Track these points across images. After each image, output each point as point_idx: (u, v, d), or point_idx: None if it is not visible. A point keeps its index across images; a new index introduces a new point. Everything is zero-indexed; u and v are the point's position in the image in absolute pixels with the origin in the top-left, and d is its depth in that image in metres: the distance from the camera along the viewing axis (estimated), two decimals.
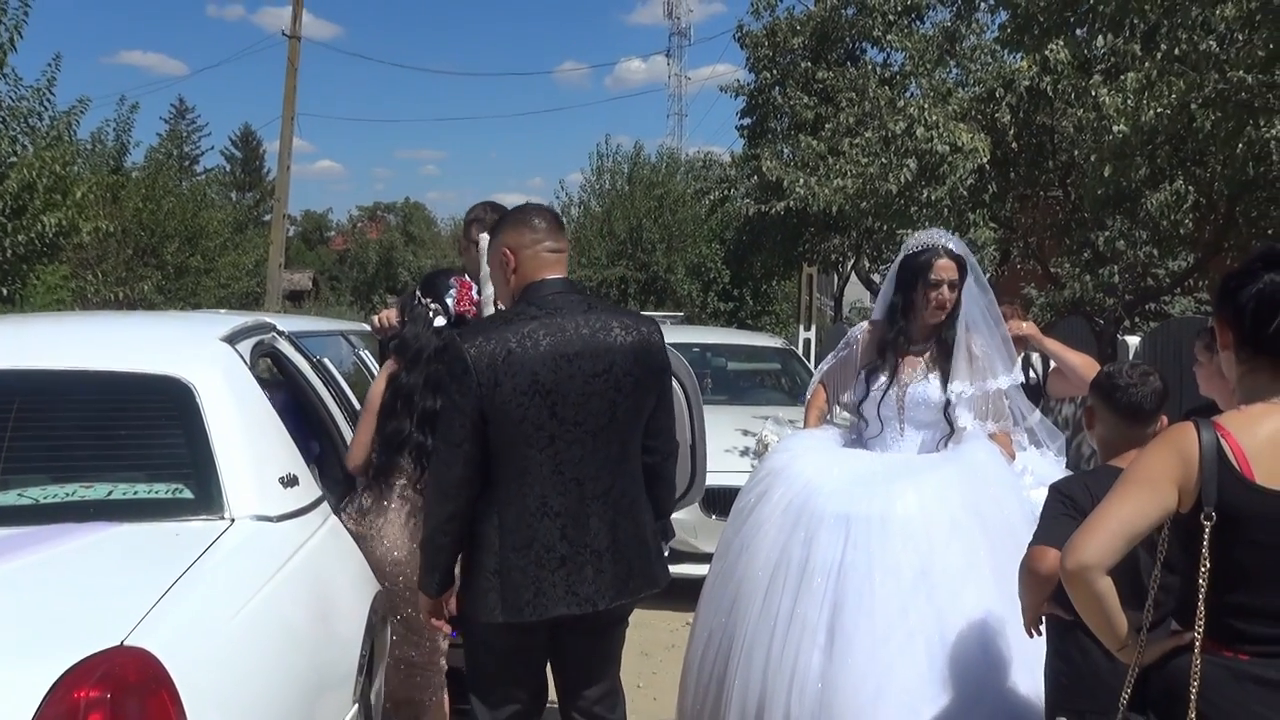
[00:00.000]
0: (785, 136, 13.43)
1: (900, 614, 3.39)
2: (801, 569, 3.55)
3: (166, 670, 2.10)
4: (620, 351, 3.04)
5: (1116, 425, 2.93)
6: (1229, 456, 2.14)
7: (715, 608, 3.85)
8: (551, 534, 2.99)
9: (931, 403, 3.88)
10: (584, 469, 3.01)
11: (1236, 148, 7.27)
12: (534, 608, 2.98)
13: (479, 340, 2.97)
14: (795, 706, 3.41)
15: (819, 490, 3.68)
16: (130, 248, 18.36)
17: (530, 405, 2.95)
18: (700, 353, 9.53)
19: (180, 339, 3.65)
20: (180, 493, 2.96)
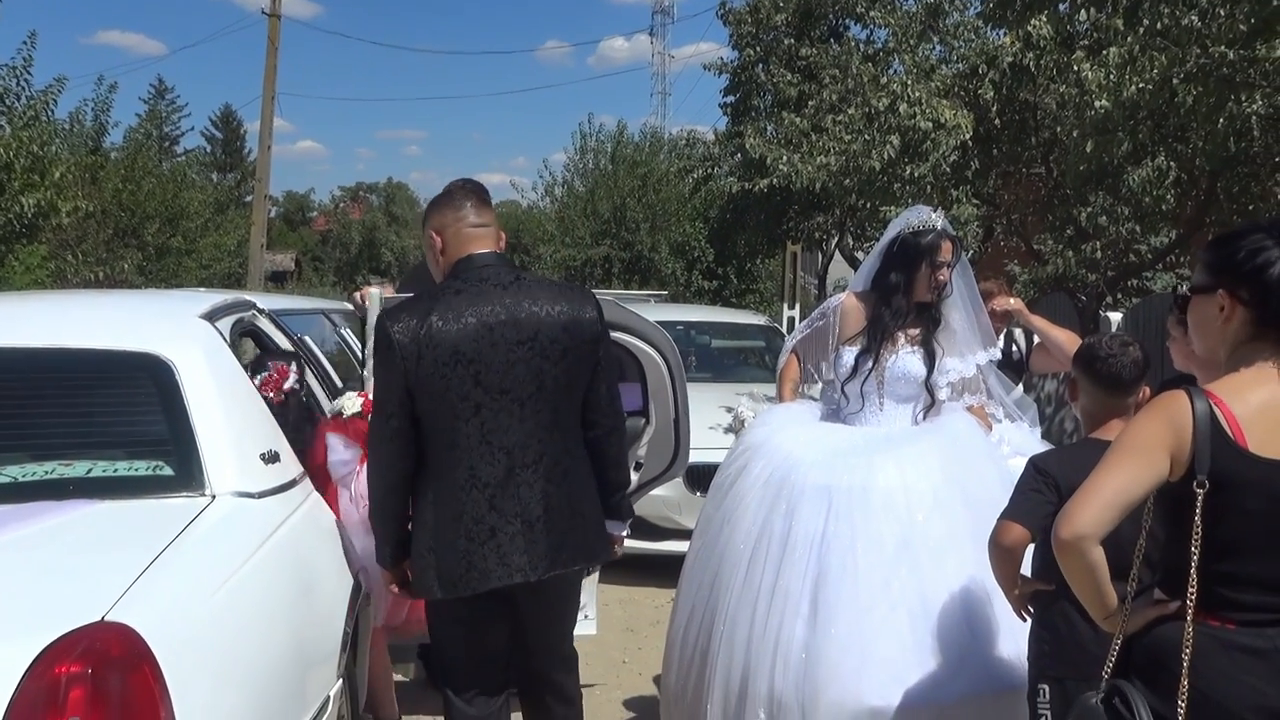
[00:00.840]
0: (768, 114, 13.42)
1: (883, 584, 3.41)
2: (784, 541, 3.55)
3: (148, 645, 2.09)
4: (546, 321, 3.07)
5: (1097, 396, 2.95)
6: (1222, 424, 2.13)
7: (697, 583, 3.86)
8: (480, 505, 3.02)
9: (912, 377, 3.89)
10: (511, 437, 3.04)
11: (1218, 123, 7.28)
12: (467, 582, 3.01)
13: (402, 317, 3.03)
14: (779, 678, 3.42)
15: (799, 463, 3.68)
16: (110, 228, 18.23)
17: (453, 376, 2.99)
18: (684, 330, 9.52)
19: (159, 316, 3.63)
20: (161, 470, 2.94)
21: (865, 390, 3.92)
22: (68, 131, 17.42)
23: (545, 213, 31.64)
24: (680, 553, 7.03)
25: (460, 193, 3.26)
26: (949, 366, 3.91)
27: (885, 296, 3.96)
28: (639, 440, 4.49)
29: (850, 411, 3.97)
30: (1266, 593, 2.18)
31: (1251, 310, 2.22)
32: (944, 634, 3.35)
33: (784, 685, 3.40)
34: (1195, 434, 2.13)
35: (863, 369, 3.91)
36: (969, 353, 3.94)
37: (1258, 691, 2.15)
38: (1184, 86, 7.37)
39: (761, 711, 3.44)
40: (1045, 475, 2.86)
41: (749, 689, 3.47)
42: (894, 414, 3.92)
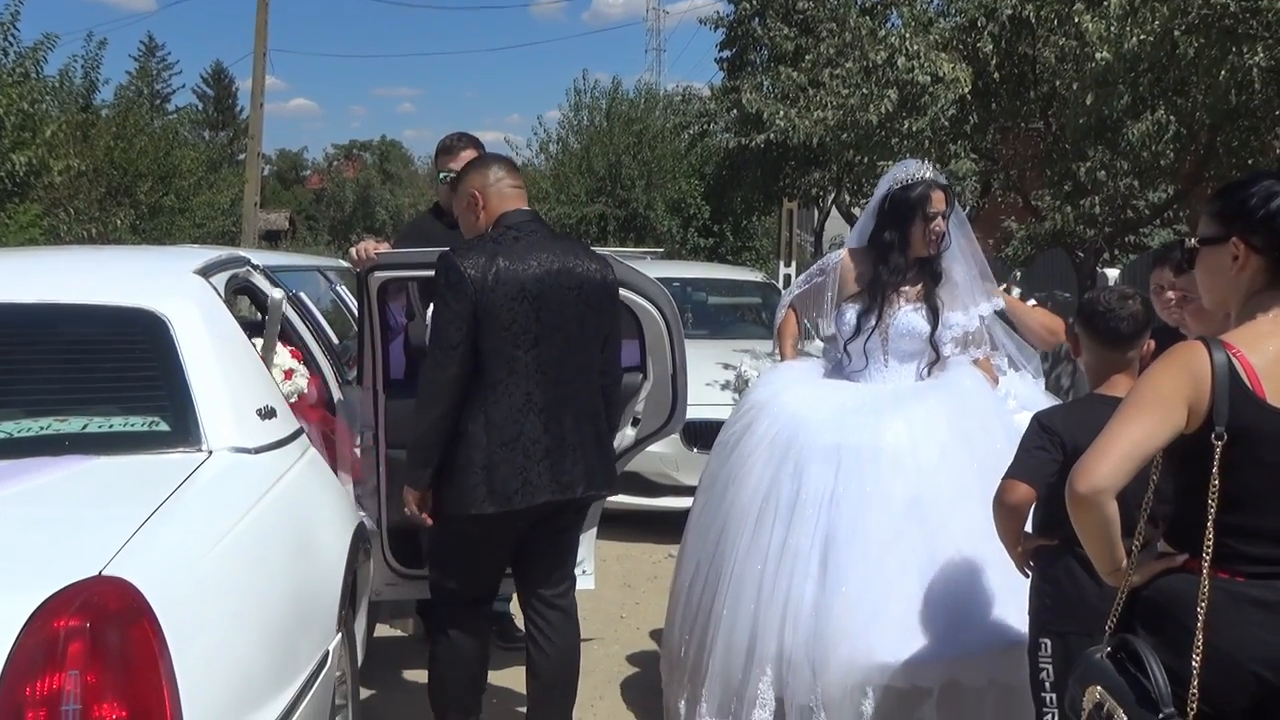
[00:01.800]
0: (765, 68, 13.30)
1: (893, 542, 3.41)
2: (792, 501, 3.55)
3: (146, 599, 2.08)
4: (588, 274, 3.49)
5: (1099, 351, 2.94)
6: (1241, 375, 2.11)
7: (701, 541, 3.85)
8: (536, 427, 3.35)
9: (916, 333, 3.87)
10: (562, 369, 3.41)
11: (1219, 75, 7.22)
12: (522, 495, 3.34)
13: (471, 256, 3.37)
14: (789, 637, 3.43)
15: (806, 422, 3.67)
16: (103, 187, 18.11)
17: (519, 309, 3.35)
18: (681, 287, 9.49)
19: (153, 272, 3.60)
20: (157, 425, 2.92)
21: (869, 348, 3.90)
22: (58, 89, 17.27)
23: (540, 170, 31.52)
24: (678, 509, 7.11)
25: (495, 161, 3.68)
26: (953, 321, 3.89)
27: (882, 255, 3.91)
28: (636, 396, 4.47)
29: (854, 369, 3.95)
30: (1276, 545, 2.16)
31: (1266, 257, 2.19)
32: (953, 590, 3.36)
33: (794, 644, 3.41)
34: (1214, 385, 2.10)
35: (865, 328, 3.88)
36: (971, 305, 3.91)
37: (1266, 643, 2.14)
38: (1185, 38, 7.30)
39: (769, 668, 3.45)
40: (1050, 433, 2.85)
41: (756, 648, 3.48)
42: (899, 371, 3.90)
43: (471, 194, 3.55)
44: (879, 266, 3.91)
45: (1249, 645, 2.14)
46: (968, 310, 3.91)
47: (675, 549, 6.73)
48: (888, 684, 3.33)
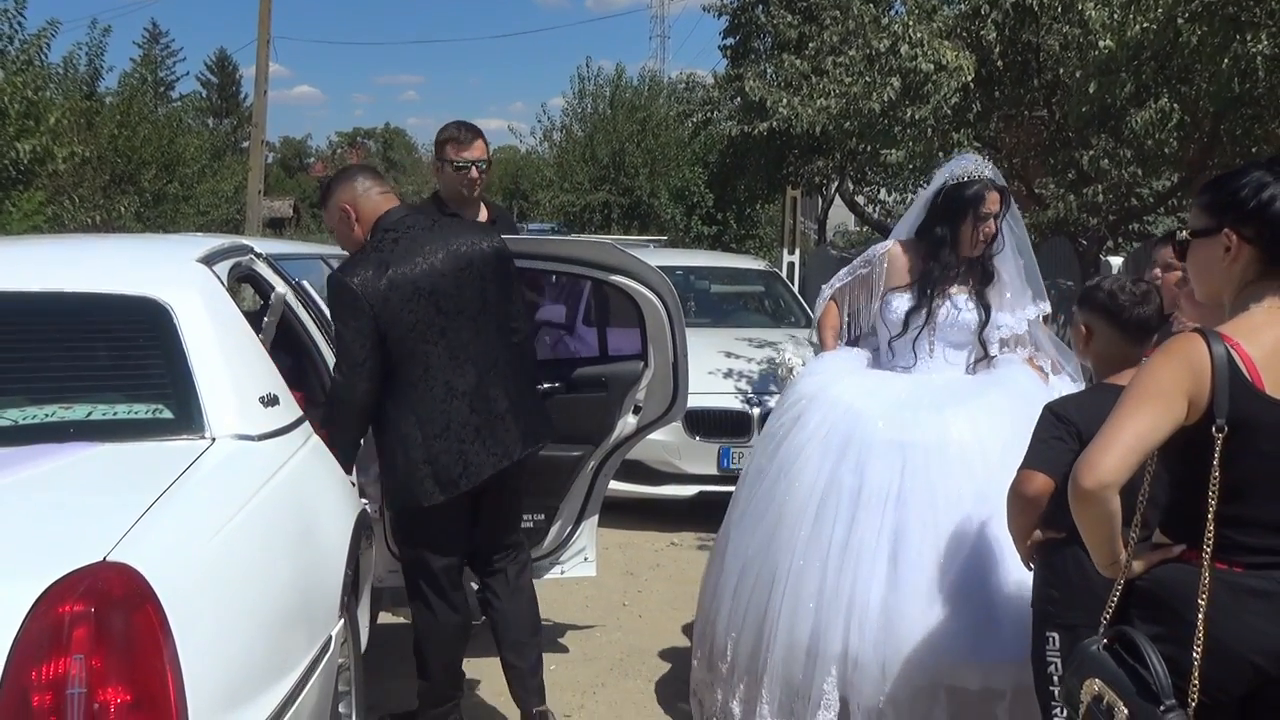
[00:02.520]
0: (768, 56, 13.26)
1: (963, 540, 3.35)
2: (855, 496, 3.48)
3: (150, 584, 2.10)
4: (474, 250, 3.65)
5: (1119, 343, 2.91)
6: (1240, 367, 2.12)
7: (749, 536, 3.76)
8: (463, 411, 3.57)
9: (965, 324, 3.83)
10: (474, 349, 3.61)
11: (1222, 63, 7.19)
12: (466, 478, 3.57)
13: (358, 271, 3.52)
14: (854, 636, 3.36)
15: (862, 415, 3.61)
16: (107, 174, 18.11)
17: (418, 308, 3.52)
18: (683, 276, 9.51)
19: (156, 261, 3.62)
20: (160, 413, 2.94)
21: (916, 342, 3.86)
22: (61, 76, 17.26)
23: (544, 158, 31.48)
24: (680, 497, 7.16)
25: (358, 171, 3.85)
26: (1001, 321, 3.86)
27: (932, 250, 3.87)
28: (638, 384, 4.50)
29: (901, 352, 3.91)
30: (1273, 535, 2.17)
31: (1258, 248, 2.20)
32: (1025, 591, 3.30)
33: (860, 644, 3.34)
34: (1214, 377, 2.11)
35: (913, 325, 3.84)
36: (1019, 308, 3.88)
37: (1264, 633, 2.15)
38: (1189, 26, 7.26)
39: (834, 668, 3.38)
40: (1066, 422, 2.84)
41: (819, 647, 3.40)
42: (945, 359, 3.86)
43: (342, 208, 3.69)
44: (929, 261, 3.86)
45: (1247, 635, 2.15)
46: (1015, 313, 3.87)
47: (677, 537, 6.84)
48: (959, 685, 3.27)
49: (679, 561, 6.48)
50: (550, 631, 5.16)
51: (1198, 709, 2.15)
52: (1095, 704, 2.25)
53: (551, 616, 5.36)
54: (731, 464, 7.10)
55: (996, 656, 3.23)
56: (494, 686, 4.50)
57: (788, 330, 8.77)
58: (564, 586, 5.48)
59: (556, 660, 4.82)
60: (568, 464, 4.49)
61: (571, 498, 4.57)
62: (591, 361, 4.69)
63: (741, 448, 7.13)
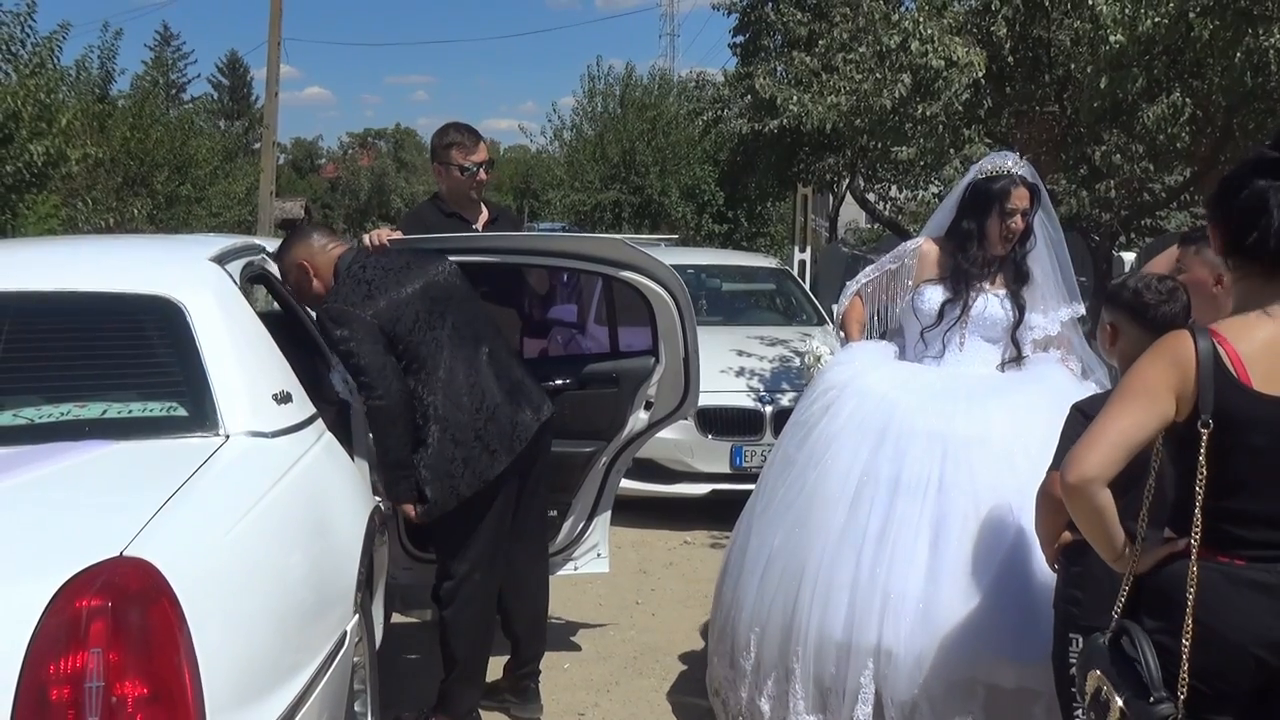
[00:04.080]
0: (778, 54, 13.23)
1: (1004, 535, 3.29)
2: (893, 486, 3.44)
3: (166, 579, 2.11)
4: (437, 262, 3.91)
5: (1146, 342, 2.87)
6: (1226, 363, 2.13)
7: (775, 527, 3.70)
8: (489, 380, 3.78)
9: (997, 320, 3.81)
10: (475, 328, 3.86)
11: (1234, 57, 7.16)
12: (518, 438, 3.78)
13: (344, 297, 3.71)
14: (889, 628, 3.30)
15: (898, 405, 3.57)
16: (119, 176, 18.16)
17: (414, 304, 3.74)
18: (695, 274, 9.50)
19: (170, 260, 3.63)
20: (175, 410, 2.95)
21: (948, 325, 3.84)
22: (74, 79, 17.33)
23: (554, 157, 31.47)
24: (693, 495, 7.17)
25: (311, 229, 4.09)
26: (1034, 323, 3.83)
27: (961, 245, 3.85)
28: (649, 380, 4.50)
29: (932, 355, 3.88)
30: (1272, 529, 2.18)
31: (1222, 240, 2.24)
32: None
33: (895, 637, 3.29)
34: (1199, 373, 2.13)
35: (949, 317, 3.82)
36: (1052, 309, 3.85)
37: (1264, 625, 2.16)
38: (1200, 20, 7.23)
39: (870, 661, 3.32)
40: (1090, 420, 2.83)
41: (854, 640, 3.34)
42: (975, 352, 3.83)
43: (300, 265, 3.86)
44: (959, 257, 3.85)
45: (1248, 628, 2.16)
46: (1048, 314, 3.84)
47: (691, 535, 6.83)
48: (995, 683, 3.21)
49: (692, 560, 6.49)
50: (563, 630, 5.18)
51: (1199, 701, 2.16)
52: (1095, 696, 2.27)
53: (565, 615, 5.37)
54: (744, 462, 7.10)
55: (1034, 656, 3.13)
56: None
57: (799, 328, 8.75)
58: (577, 585, 5.49)
59: (570, 659, 4.83)
60: (580, 460, 4.49)
61: (584, 494, 4.57)
62: (603, 358, 4.69)
63: (753, 446, 7.12)
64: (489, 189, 4.81)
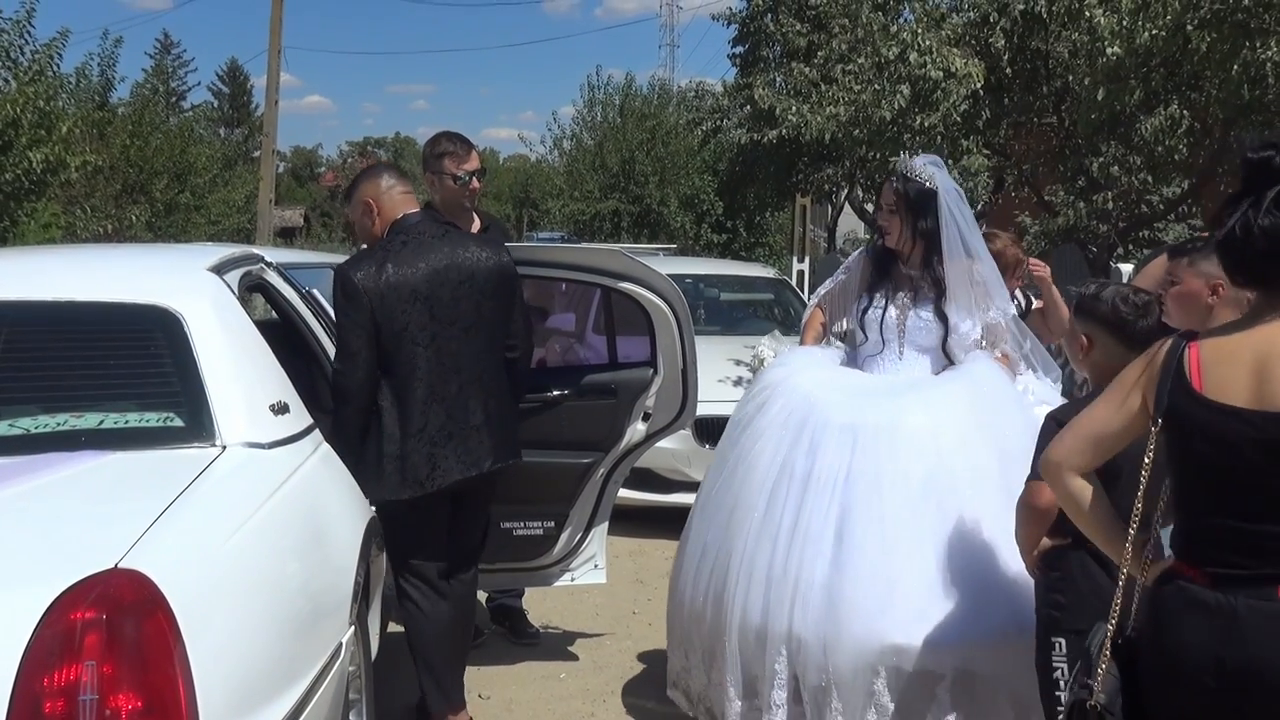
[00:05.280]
0: (777, 65, 13.27)
1: (909, 522, 3.40)
2: (805, 479, 3.55)
3: (161, 591, 2.11)
4: (479, 265, 3.81)
5: (1123, 354, 2.92)
6: (1185, 366, 2.14)
7: (710, 522, 3.85)
8: (440, 416, 3.72)
9: (931, 331, 3.88)
10: (461, 359, 3.76)
11: (1232, 69, 7.19)
12: (432, 479, 3.71)
13: (362, 266, 3.68)
14: (799, 616, 3.42)
15: (820, 402, 3.68)
16: (119, 184, 18.19)
17: (412, 312, 3.68)
18: (693, 284, 9.51)
19: (167, 270, 3.63)
20: (171, 421, 2.95)
21: (886, 335, 3.90)
22: (74, 87, 17.36)
23: (553, 167, 31.50)
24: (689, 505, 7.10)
25: (385, 170, 4.03)
26: (963, 329, 3.88)
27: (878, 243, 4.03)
28: (647, 391, 4.50)
29: (871, 354, 3.96)
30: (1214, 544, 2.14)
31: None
32: (970, 574, 3.34)
33: (804, 624, 3.41)
34: (1160, 373, 2.16)
35: (876, 304, 3.91)
36: (979, 311, 3.89)
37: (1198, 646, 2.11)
38: (1198, 33, 7.27)
39: (783, 648, 3.44)
40: None
41: (769, 628, 3.47)
42: (913, 363, 3.90)
43: (365, 202, 3.85)
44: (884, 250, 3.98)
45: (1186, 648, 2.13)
46: (973, 316, 3.89)
47: None
48: (899, 666, 3.31)
49: None
50: (560, 640, 5.17)
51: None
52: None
53: (561, 625, 5.37)
54: None
55: (936, 639, 3.27)
56: (505, 695, 4.51)
57: (797, 339, 8.75)
58: (574, 595, 5.49)
59: (566, 669, 4.82)
60: (577, 471, 4.49)
61: (581, 505, 4.56)
62: (601, 369, 4.69)
63: None
64: (489, 198, 4.84)
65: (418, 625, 3.87)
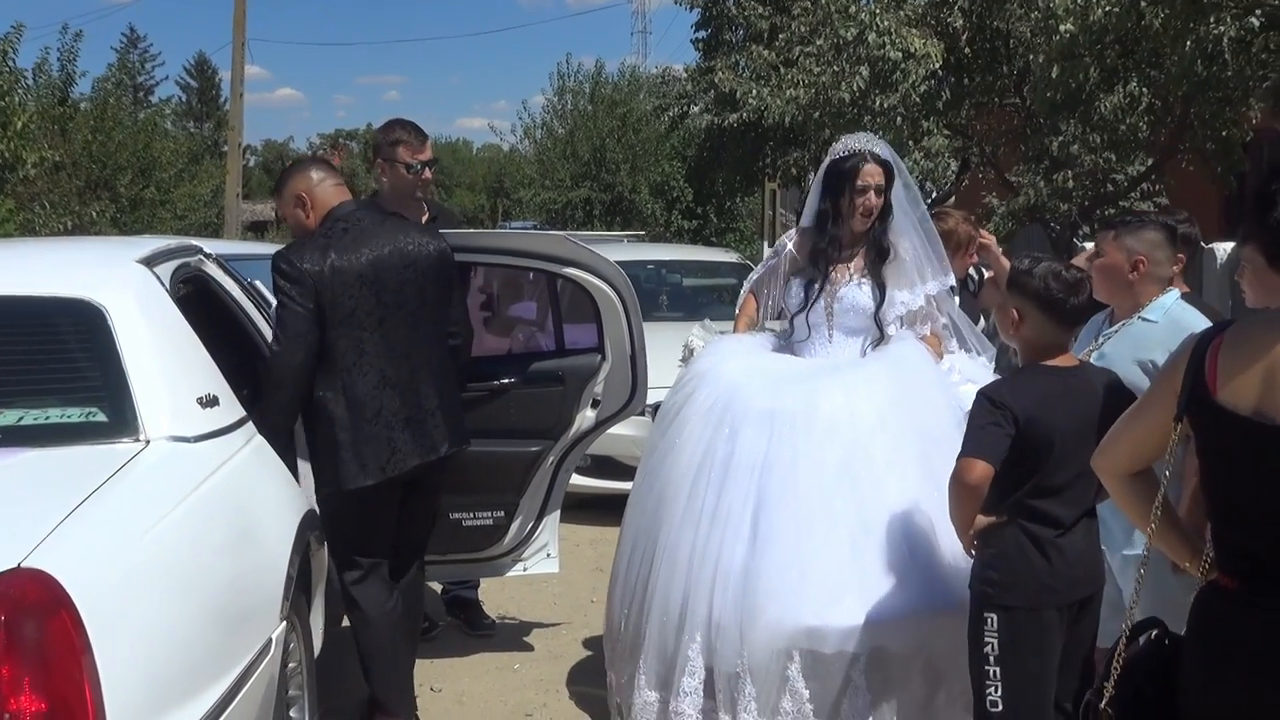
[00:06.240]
0: (740, 48, 13.23)
1: (823, 505, 3.40)
2: (725, 465, 3.55)
3: (66, 591, 2.06)
4: (420, 251, 3.77)
5: (1054, 330, 2.90)
6: (1204, 366, 2.04)
7: (640, 509, 3.85)
8: (394, 401, 3.66)
9: (861, 308, 3.85)
10: (410, 344, 3.72)
11: (1186, 45, 7.19)
12: (393, 464, 3.65)
13: (305, 253, 3.62)
14: (718, 600, 3.41)
15: (741, 388, 3.67)
16: (81, 179, 17.98)
17: (359, 296, 3.62)
18: (655, 270, 9.47)
19: (93, 263, 3.56)
20: (94, 416, 2.89)
21: (813, 321, 3.89)
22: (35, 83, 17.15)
23: (525, 156, 31.38)
24: None
25: (312, 163, 3.98)
26: (898, 299, 3.86)
27: (820, 226, 3.93)
28: (595, 377, 4.46)
29: (798, 340, 3.95)
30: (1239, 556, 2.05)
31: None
32: (884, 554, 3.34)
33: (722, 607, 3.40)
34: (1184, 374, 2.07)
35: (810, 296, 3.88)
36: (919, 283, 3.88)
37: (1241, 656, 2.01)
38: (1151, 9, 7.27)
39: (699, 634, 3.44)
40: (1001, 407, 2.82)
41: (687, 612, 3.47)
42: (843, 346, 3.89)
43: (298, 195, 3.79)
44: (819, 238, 3.92)
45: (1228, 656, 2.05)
46: (914, 288, 3.88)
47: None
48: (812, 649, 3.30)
49: None
50: (516, 630, 5.13)
51: None
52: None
53: (518, 615, 5.33)
54: None
55: (850, 620, 3.26)
56: (457, 688, 4.47)
57: None
58: (532, 584, 5.45)
59: (521, 659, 4.79)
60: (526, 459, 4.44)
61: (532, 494, 4.52)
62: (548, 356, 4.64)
63: None
64: (462, 188, 4.82)
65: (364, 619, 3.80)
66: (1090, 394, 2.84)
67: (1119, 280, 3.24)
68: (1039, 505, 2.83)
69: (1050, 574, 2.84)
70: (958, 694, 3.27)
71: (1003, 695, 2.83)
